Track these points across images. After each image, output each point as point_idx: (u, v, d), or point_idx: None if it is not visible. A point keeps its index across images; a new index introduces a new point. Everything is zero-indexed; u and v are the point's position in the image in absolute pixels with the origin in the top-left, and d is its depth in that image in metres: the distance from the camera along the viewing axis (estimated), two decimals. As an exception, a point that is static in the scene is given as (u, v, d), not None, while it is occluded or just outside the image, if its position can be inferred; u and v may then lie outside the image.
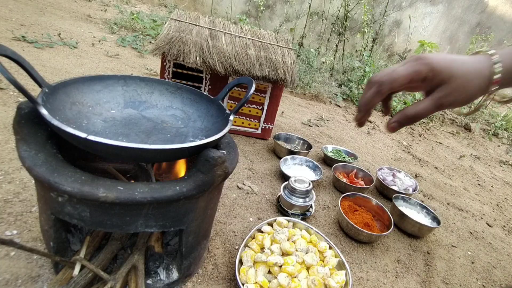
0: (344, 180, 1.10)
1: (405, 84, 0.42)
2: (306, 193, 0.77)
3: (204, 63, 1.07)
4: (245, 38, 1.22)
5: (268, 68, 1.14)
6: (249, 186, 0.96)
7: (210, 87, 1.18)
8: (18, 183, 0.71)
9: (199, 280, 0.61)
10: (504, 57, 0.41)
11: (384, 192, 1.17)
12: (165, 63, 1.11)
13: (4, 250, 0.55)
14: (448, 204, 1.27)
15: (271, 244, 0.67)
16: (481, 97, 0.45)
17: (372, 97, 0.44)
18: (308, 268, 0.64)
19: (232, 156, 0.54)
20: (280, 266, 0.61)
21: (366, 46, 3.39)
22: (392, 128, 0.46)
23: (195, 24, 1.17)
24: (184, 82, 1.15)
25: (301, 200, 0.81)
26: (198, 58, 1.06)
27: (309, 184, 0.81)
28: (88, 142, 0.37)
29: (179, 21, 1.15)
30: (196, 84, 1.17)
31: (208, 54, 1.08)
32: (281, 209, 0.88)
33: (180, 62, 1.07)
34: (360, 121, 0.48)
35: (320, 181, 1.13)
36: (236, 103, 1.23)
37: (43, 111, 0.39)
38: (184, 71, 1.13)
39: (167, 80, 1.13)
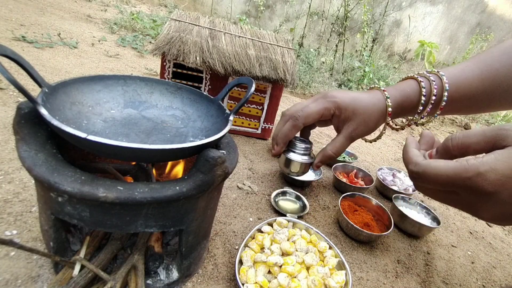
0: (344, 180, 1.11)
1: (316, 119, 0.51)
2: (306, 150, 0.65)
3: (204, 63, 1.06)
4: (245, 38, 1.22)
5: (268, 68, 1.14)
6: (249, 186, 0.96)
7: (210, 87, 1.18)
8: (18, 183, 0.70)
9: (199, 280, 0.61)
10: (394, 92, 0.49)
11: (384, 192, 1.17)
12: (165, 63, 1.11)
13: (4, 250, 0.55)
14: (448, 204, 1.27)
15: (271, 244, 0.67)
16: (382, 126, 0.53)
17: (289, 130, 0.53)
18: (308, 268, 0.64)
19: (232, 156, 0.54)
20: (280, 266, 0.61)
21: (366, 46, 3.39)
22: (318, 167, 0.58)
23: (195, 24, 1.17)
24: (184, 82, 1.15)
25: (299, 157, 0.68)
26: (198, 58, 1.06)
27: (310, 144, 0.67)
28: (88, 142, 0.37)
29: (179, 21, 1.15)
30: (196, 84, 1.17)
31: (208, 54, 1.08)
32: (286, 180, 0.91)
33: (180, 62, 1.07)
34: (278, 154, 0.58)
35: (320, 181, 1.13)
36: (236, 103, 1.23)
37: (43, 111, 0.39)
38: (184, 71, 1.13)
39: (167, 80, 1.13)
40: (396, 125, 0.54)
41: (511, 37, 4.47)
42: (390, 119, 0.48)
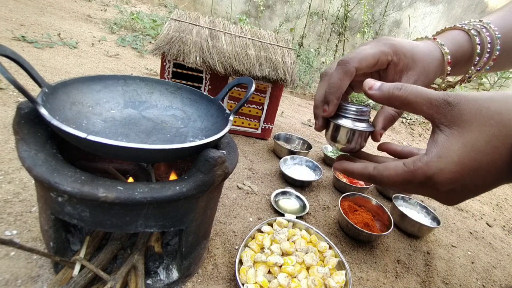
0: (344, 180, 1.10)
1: (372, 64, 0.39)
2: (362, 114, 0.45)
3: (204, 63, 1.06)
4: (245, 38, 1.22)
5: (268, 68, 1.14)
6: (249, 186, 0.96)
7: (210, 87, 1.18)
8: (18, 183, 0.70)
9: (199, 280, 0.61)
10: (445, 41, 0.42)
11: (384, 192, 1.17)
12: (165, 63, 1.11)
13: (4, 250, 0.55)
14: (448, 204, 1.27)
15: (271, 244, 0.67)
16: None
17: (339, 79, 0.39)
18: (308, 268, 0.64)
19: (232, 156, 0.54)
20: (280, 266, 0.61)
21: (366, 46, 3.38)
22: (381, 135, 0.43)
23: (195, 24, 1.17)
24: (184, 82, 1.15)
25: (354, 124, 0.46)
26: (198, 58, 1.06)
27: (367, 106, 0.46)
28: (88, 142, 0.36)
29: (179, 21, 1.15)
30: (196, 84, 1.17)
31: (208, 54, 1.08)
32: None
33: (180, 62, 1.07)
34: (330, 115, 0.42)
35: (320, 181, 1.13)
36: (236, 103, 1.23)
37: (43, 111, 0.39)
38: (184, 71, 1.13)
39: (167, 80, 1.13)
40: (448, 83, 0.46)
41: (511, 37, 4.46)
42: (450, 68, 0.41)
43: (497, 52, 0.41)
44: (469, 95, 0.29)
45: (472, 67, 0.43)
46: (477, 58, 0.42)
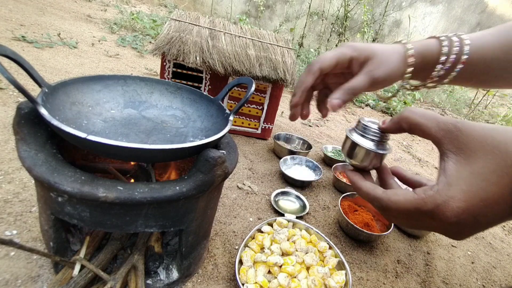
0: (344, 180, 1.10)
1: (333, 63, 0.44)
2: (379, 135, 0.45)
3: (204, 63, 1.06)
4: (245, 38, 1.22)
5: (268, 68, 1.14)
6: (249, 186, 0.96)
7: (210, 87, 1.18)
8: (18, 183, 0.70)
9: (199, 280, 0.61)
10: (413, 44, 0.45)
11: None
12: (165, 63, 1.11)
13: (4, 250, 0.55)
14: (448, 204, 1.27)
15: (271, 244, 0.67)
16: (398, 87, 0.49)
17: (304, 77, 0.46)
18: (308, 268, 0.64)
19: (232, 156, 0.54)
20: (280, 266, 0.61)
21: (366, 46, 3.38)
22: (334, 105, 0.46)
23: (195, 24, 1.17)
24: (184, 82, 1.15)
25: (369, 143, 0.47)
26: (198, 58, 1.06)
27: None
28: (88, 142, 0.36)
29: (179, 21, 1.15)
30: (196, 84, 1.17)
31: (208, 54, 1.08)
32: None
33: (180, 62, 1.07)
34: (295, 104, 0.47)
35: (320, 181, 1.13)
36: (236, 103, 1.23)
37: (43, 111, 0.39)
38: (184, 71, 1.13)
39: (167, 80, 1.13)
40: (411, 86, 0.50)
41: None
42: (413, 61, 0.44)
43: (465, 56, 0.44)
44: (476, 123, 0.29)
45: (439, 65, 0.45)
46: (444, 58, 0.44)
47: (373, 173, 0.47)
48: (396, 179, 0.43)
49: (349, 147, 0.49)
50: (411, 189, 0.32)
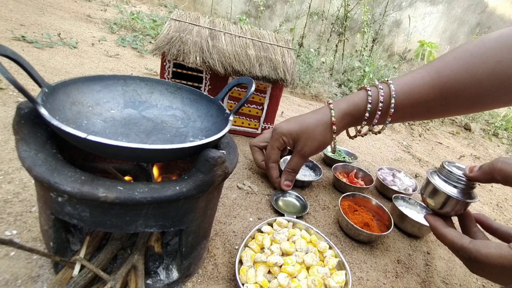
0: (344, 180, 1.11)
1: (277, 157, 0.61)
2: (463, 182, 0.42)
3: (204, 63, 1.06)
4: (245, 38, 1.22)
5: (268, 68, 1.14)
6: (249, 186, 0.96)
7: (210, 87, 1.18)
8: (18, 183, 0.70)
9: (199, 280, 0.61)
10: (337, 104, 0.52)
11: (384, 192, 1.17)
12: (165, 63, 1.11)
13: (3, 250, 0.55)
14: (448, 204, 1.27)
15: (271, 244, 0.67)
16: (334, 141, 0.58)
17: (261, 161, 0.57)
18: (308, 268, 0.64)
19: (232, 156, 0.54)
20: (280, 266, 0.61)
21: (366, 46, 3.39)
22: (287, 186, 0.65)
23: (195, 24, 1.17)
24: (184, 82, 1.15)
25: (451, 189, 0.45)
26: (198, 58, 1.06)
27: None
28: (88, 142, 0.37)
29: (179, 21, 1.15)
30: (196, 84, 1.17)
31: (208, 54, 1.08)
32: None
33: (180, 62, 1.07)
34: (276, 178, 0.64)
35: (320, 181, 1.13)
36: (236, 103, 1.23)
37: (43, 111, 0.39)
38: (184, 71, 1.13)
39: (167, 80, 1.13)
40: (349, 134, 0.57)
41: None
42: (336, 128, 0.51)
43: (392, 110, 0.48)
44: None
45: (364, 122, 0.53)
46: (367, 115, 0.51)
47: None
48: (479, 226, 0.41)
49: (431, 191, 0.48)
50: (503, 242, 0.31)
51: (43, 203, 0.44)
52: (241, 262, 0.63)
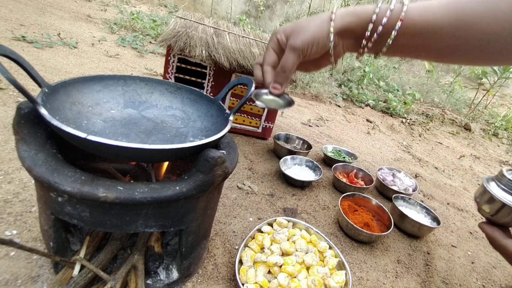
0: (344, 180, 1.10)
1: (274, 58, 0.48)
2: None
3: (210, 56, 1.07)
4: (248, 38, 1.25)
5: (268, 68, 1.15)
6: (249, 186, 0.96)
7: (213, 83, 1.18)
8: (18, 183, 0.70)
9: (199, 280, 0.61)
10: (338, 11, 0.45)
11: (384, 192, 1.17)
12: (169, 58, 1.12)
13: (4, 250, 0.55)
14: (448, 204, 1.27)
15: (271, 244, 0.67)
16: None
17: (260, 76, 0.49)
18: (308, 268, 0.64)
19: (232, 156, 0.54)
20: (280, 266, 0.61)
21: (366, 46, 3.38)
22: (274, 89, 0.49)
23: (200, 23, 1.19)
24: (188, 77, 1.16)
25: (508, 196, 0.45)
26: (204, 52, 1.06)
27: None
28: (88, 142, 0.36)
29: (185, 18, 1.17)
30: (200, 80, 1.17)
31: (214, 48, 1.09)
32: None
33: (185, 57, 1.08)
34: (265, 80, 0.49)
35: (320, 181, 1.13)
36: (239, 100, 1.24)
37: (43, 111, 0.39)
38: (188, 67, 1.14)
39: (170, 74, 1.13)
40: (348, 49, 0.50)
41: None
42: (333, 23, 0.44)
43: (399, 22, 0.41)
44: None
45: (370, 24, 0.44)
46: (374, 16, 0.43)
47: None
48: None
49: (487, 200, 0.45)
50: None
51: (43, 203, 0.44)
52: (241, 262, 0.63)
